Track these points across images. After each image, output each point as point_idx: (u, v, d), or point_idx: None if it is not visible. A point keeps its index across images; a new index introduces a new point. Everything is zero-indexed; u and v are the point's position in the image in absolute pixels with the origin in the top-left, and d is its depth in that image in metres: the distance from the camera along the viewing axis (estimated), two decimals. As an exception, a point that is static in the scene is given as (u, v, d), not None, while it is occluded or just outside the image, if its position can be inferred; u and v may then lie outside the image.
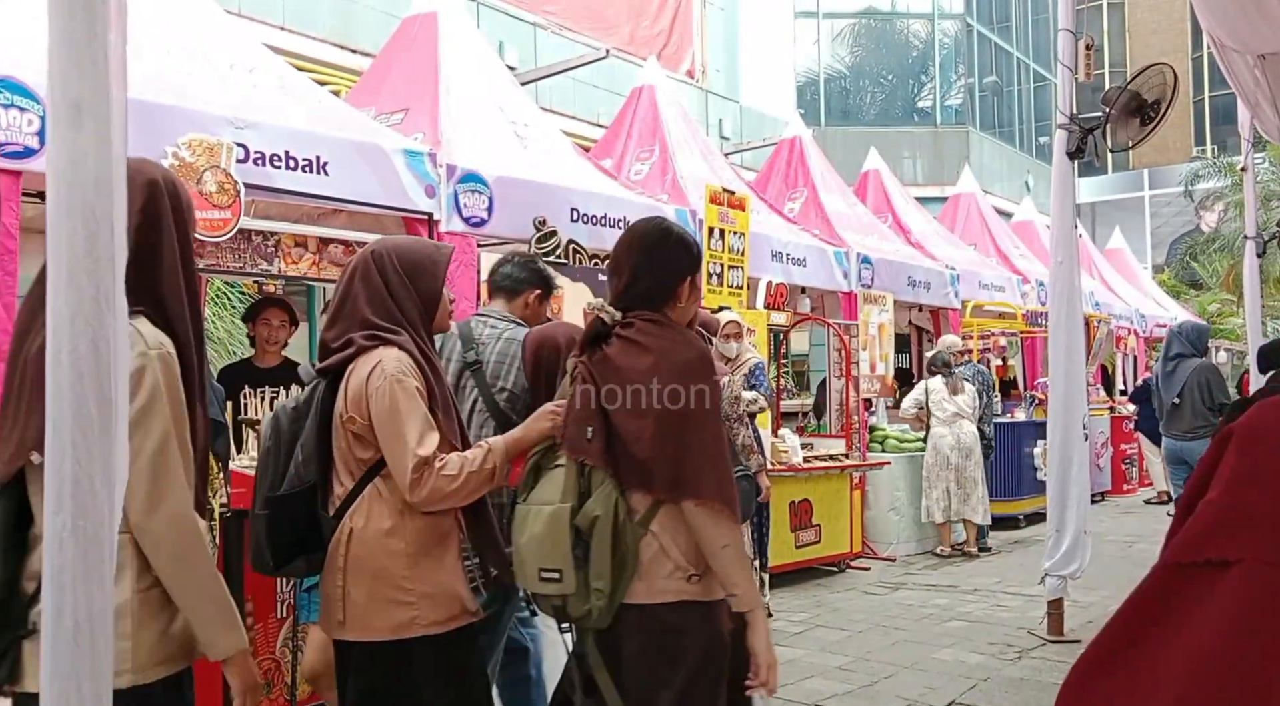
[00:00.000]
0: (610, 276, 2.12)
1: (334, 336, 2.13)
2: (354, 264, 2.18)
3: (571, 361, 2.07)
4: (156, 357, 1.64)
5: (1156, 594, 0.88)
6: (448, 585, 2.08)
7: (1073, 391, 5.06)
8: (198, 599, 1.66)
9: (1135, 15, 35.66)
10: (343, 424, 2.07)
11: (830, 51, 25.04)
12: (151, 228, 1.70)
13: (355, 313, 2.12)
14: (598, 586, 1.88)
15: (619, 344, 1.99)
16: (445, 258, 2.23)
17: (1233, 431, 0.94)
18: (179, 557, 1.63)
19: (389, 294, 2.12)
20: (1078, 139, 4.77)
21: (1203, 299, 19.74)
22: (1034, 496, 8.24)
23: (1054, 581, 4.98)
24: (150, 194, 1.71)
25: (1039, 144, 26.56)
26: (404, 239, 2.27)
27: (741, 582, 1.92)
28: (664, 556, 1.90)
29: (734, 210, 6.47)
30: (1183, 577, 0.86)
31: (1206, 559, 0.85)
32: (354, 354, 2.07)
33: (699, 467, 1.90)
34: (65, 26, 1.91)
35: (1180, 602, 0.85)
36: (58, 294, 1.94)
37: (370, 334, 2.07)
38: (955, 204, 12.12)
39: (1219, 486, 0.90)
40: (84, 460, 1.93)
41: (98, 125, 1.94)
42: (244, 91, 4.32)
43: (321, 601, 2.12)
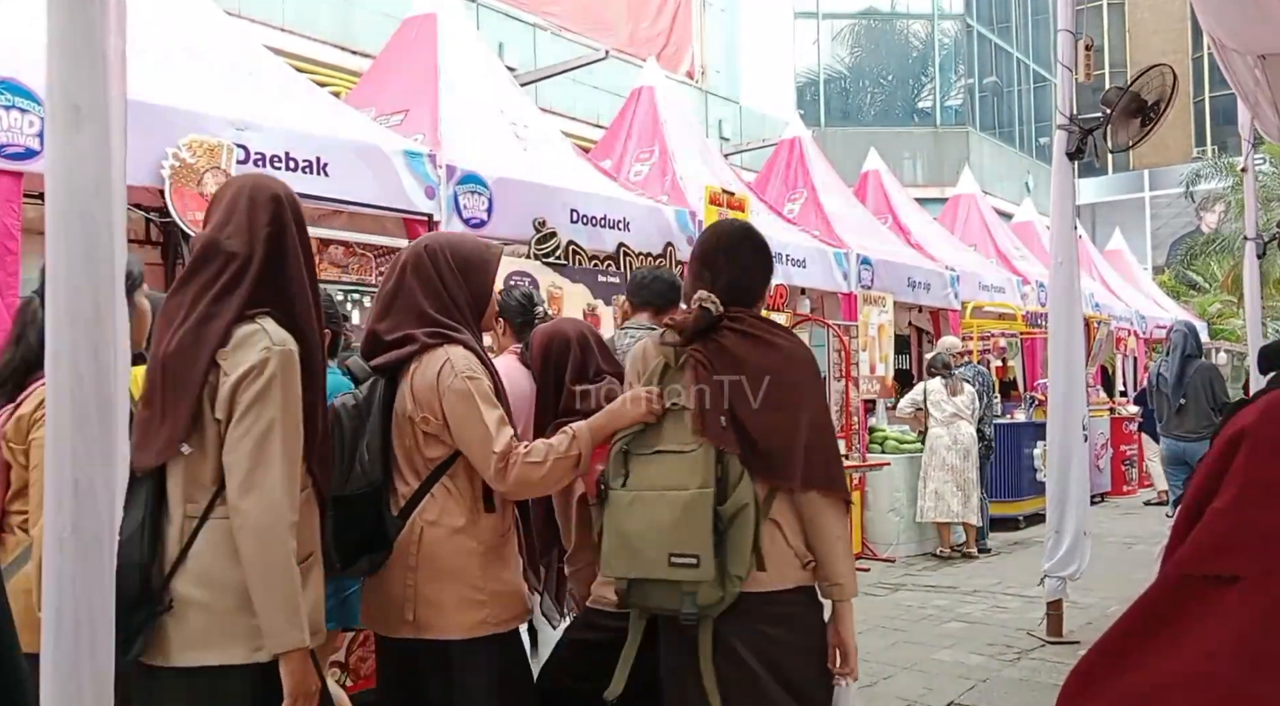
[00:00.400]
0: (697, 274, 2.11)
1: (387, 328, 2.11)
2: (405, 257, 2.16)
3: (671, 350, 2.06)
4: (278, 353, 1.75)
5: (1161, 604, 0.86)
6: (513, 583, 2.12)
7: (1072, 393, 5.06)
8: (268, 586, 1.70)
9: (1135, 16, 35.65)
10: (411, 422, 2.05)
11: (830, 52, 25.06)
12: (278, 238, 1.83)
13: (411, 306, 2.10)
14: (738, 573, 1.88)
15: (734, 337, 2.02)
16: (496, 257, 2.25)
17: (1245, 434, 0.90)
18: (261, 542, 1.69)
19: (444, 289, 2.11)
20: (1077, 140, 4.77)
21: (1203, 300, 19.72)
22: (1034, 497, 8.24)
23: (1053, 583, 4.98)
24: (275, 207, 1.84)
25: (1039, 145, 26.57)
26: (456, 234, 2.29)
27: (848, 573, 1.99)
28: (785, 544, 1.96)
29: (733, 211, 6.47)
30: (1188, 589, 0.85)
31: (1214, 573, 0.83)
32: (417, 351, 2.06)
33: (828, 460, 1.99)
34: (64, 30, 1.91)
35: (1184, 615, 0.84)
36: (57, 297, 1.94)
37: (434, 332, 2.06)
38: (955, 205, 12.12)
39: (1229, 493, 0.87)
40: (84, 463, 1.92)
41: (97, 129, 1.94)
42: (244, 93, 4.32)
43: (379, 600, 2.10)
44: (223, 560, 1.71)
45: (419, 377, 2.05)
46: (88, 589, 1.89)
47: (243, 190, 1.86)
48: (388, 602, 2.07)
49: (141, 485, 1.72)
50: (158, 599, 1.70)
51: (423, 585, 2.02)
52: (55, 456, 1.92)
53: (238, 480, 1.70)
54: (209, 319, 1.74)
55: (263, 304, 1.78)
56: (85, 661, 1.89)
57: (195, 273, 1.79)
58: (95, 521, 1.94)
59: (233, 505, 1.70)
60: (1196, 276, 22.06)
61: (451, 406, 2.01)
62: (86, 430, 1.94)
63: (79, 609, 1.89)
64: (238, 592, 1.70)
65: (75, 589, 1.88)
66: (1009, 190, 23.09)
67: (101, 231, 1.96)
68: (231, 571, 1.70)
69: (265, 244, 1.79)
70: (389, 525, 2.07)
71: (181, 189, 3.80)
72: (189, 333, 1.73)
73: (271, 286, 1.80)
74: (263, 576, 1.70)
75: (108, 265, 2.01)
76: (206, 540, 1.73)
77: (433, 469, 2.06)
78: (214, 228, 1.82)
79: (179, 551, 1.71)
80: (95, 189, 1.96)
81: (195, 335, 1.73)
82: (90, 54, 1.90)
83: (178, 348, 1.72)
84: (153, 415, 1.74)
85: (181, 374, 1.71)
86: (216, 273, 1.77)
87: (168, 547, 1.72)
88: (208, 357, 1.72)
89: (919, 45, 25.56)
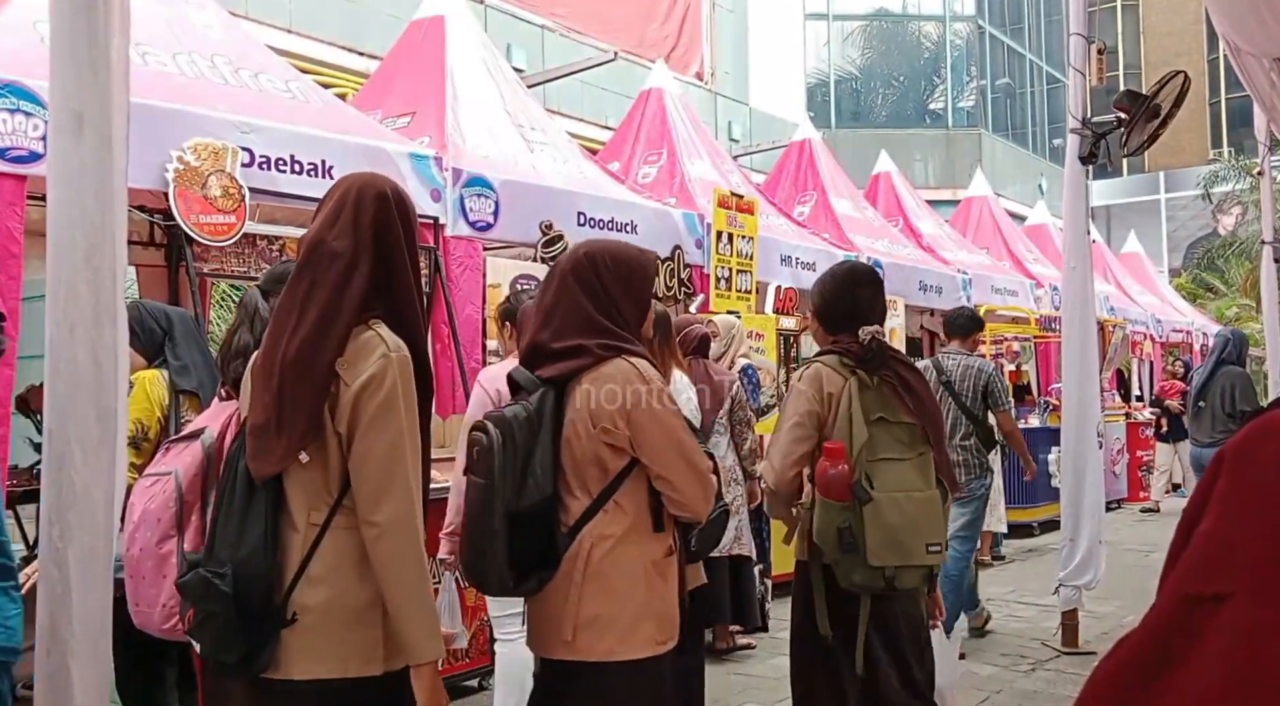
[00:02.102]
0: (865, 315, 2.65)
1: (552, 338, 2.04)
2: (563, 266, 2.10)
3: (866, 374, 2.58)
4: (396, 360, 1.69)
5: (1161, 626, 0.86)
6: (672, 603, 2.07)
7: (1086, 398, 5.00)
8: (407, 598, 1.68)
9: (1150, 17, 35.41)
10: (588, 435, 1.98)
11: (841, 53, 24.97)
12: (383, 239, 1.76)
13: (577, 315, 2.04)
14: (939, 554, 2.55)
15: (895, 362, 2.63)
16: (654, 264, 2.22)
17: (1223, 455, 0.90)
18: (397, 555, 1.66)
19: (608, 297, 2.05)
20: (1090, 143, 4.70)
21: (1220, 304, 19.53)
22: (1048, 504, 8.14)
23: (1068, 592, 4.90)
24: (379, 206, 1.76)
25: (1052, 146, 26.41)
26: (613, 242, 2.21)
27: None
28: None
29: (742, 214, 6.43)
30: (1185, 610, 0.84)
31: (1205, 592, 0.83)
32: (591, 363, 2.00)
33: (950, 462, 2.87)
34: (67, 37, 1.88)
35: (1180, 637, 0.84)
36: (57, 304, 1.91)
37: (607, 343, 2.01)
38: (967, 207, 12.03)
39: (1212, 514, 0.87)
40: (81, 472, 1.90)
41: (99, 136, 1.91)
42: (249, 95, 4.30)
43: (539, 618, 2.03)
44: (343, 572, 1.68)
45: (600, 389, 1.98)
46: (83, 598, 1.86)
47: (350, 188, 1.78)
48: (546, 621, 1.99)
49: (259, 495, 1.69)
50: (282, 612, 1.67)
51: (586, 603, 1.95)
52: (52, 466, 1.89)
53: (368, 493, 1.67)
54: (324, 326, 1.69)
55: (373, 307, 1.73)
56: (79, 676, 1.86)
57: (302, 274, 1.73)
58: (92, 531, 1.90)
59: (365, 518, 1.67)
60: (1214, 279, 21.87)
61: (646, 422, 1.97)
62: (84, 438, 1.90)
63: (75, 620, 1.86)
64: (356, 606, 1.68)
65: (71, 598, 1.85)
66: (1022, 192, 22.95)
67: (103, 239, 1.94)
68: (351, 583, 1.68)
69: (372, 244, 1.73)
70: (559, 542, 1.99)
71: (185, 192, 3.78)
72: (306, 341, 1.68)
73: (381, 288, 1.74)
74: (400, 588, 1.67)
75: (109, 272, 1.98)
76: (328, 551, 1.69)
77: (607, 483, 1.99)
78: (320, 227, 1.75)
79: (300, 561, 1.68)
80: (96, 196, 1.93)
81: (313, 343, 1.68)
82: (93, 61, 1.88)
83: (296, 356, 1.67)
84: (269, 424, 1.69)
85: (301, 384, 1.66)
86: (324, 274, 1.71)
87: (289, 558, 1.69)
88: (327, 367, 1.68)
89: (931, 47, 25.45)
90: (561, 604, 1.96)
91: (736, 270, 6.34)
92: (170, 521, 2.04)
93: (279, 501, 1.70)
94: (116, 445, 1.99)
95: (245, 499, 1.69)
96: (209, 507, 1.99)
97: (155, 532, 2.05)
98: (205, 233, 3.84)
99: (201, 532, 2.00)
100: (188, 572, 1.72)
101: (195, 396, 2.95)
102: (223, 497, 1.74)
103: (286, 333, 1.69)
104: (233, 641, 1.65)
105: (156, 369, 2.92)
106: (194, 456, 2.09)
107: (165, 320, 3.00)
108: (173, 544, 2.03)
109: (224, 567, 1.66)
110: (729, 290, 6.28)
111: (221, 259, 4.02)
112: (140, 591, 2.06)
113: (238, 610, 1.64)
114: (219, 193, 3.87)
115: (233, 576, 1.65)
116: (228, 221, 3.91)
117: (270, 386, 1.69)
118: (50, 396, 1.89)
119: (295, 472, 1.69)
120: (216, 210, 3.87)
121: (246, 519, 1.68)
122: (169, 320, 3.01)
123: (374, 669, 1.68)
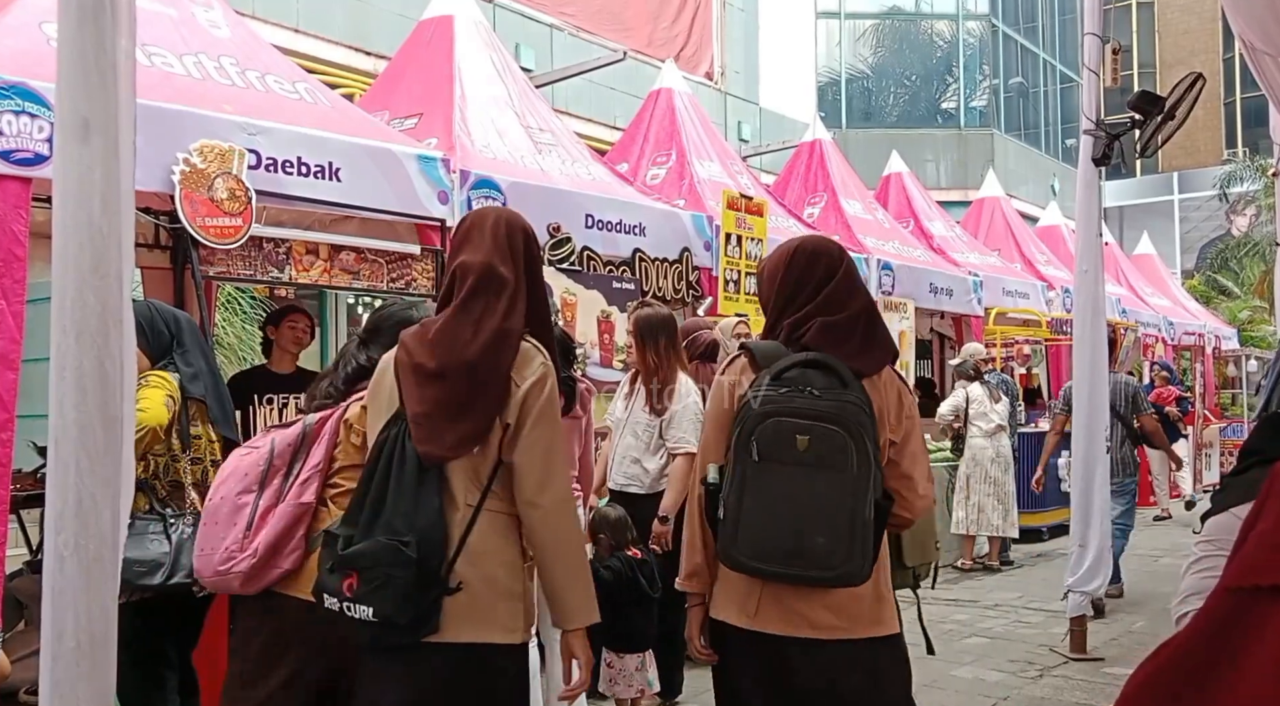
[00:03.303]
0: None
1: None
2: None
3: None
4: (550, 368, 2.01)
5: (1210, 626, 0.84)
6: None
7: (1097, 402, 4.96)
8: (569, 569, 1.97)
9: (1165, 16, 35.14)
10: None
11: (852, 52, 24.86)
12: (533, 269, 2.08)
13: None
14: None
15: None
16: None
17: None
18: (562, 532, 1.96)
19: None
20: (1103, 145, 4.66)
21: (1233, 306, 19.38)
22: (1058, 508, 8.09)
23: (1076, 598, 4.87)
24: (529, 240, 2.09)
25: (1065, 147, 26.23)
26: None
27: None
28: None
29: (751, 216, 6.39)
30: (1239, 607, 0.82)
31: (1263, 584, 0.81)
32: (886, 361, 2.21)
33: None
34: (74, 42, 1.87)
35: (1232, 637, 0.81)
36: (63, 311, 1.90)
37: (895, 353, 2.27)
38: (979, 208, 11.95)
39: (1270, 515, 0.85)
40: (87, 479, 1.88)
41: (105, 142, 1.90)
42: (256, 97, 4.29)
43: (841, 602, 2.11)
44: (494, 549, 1.92)
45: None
46: (88, 608, 1.85)
47: (500, 222, 2.07)
48: (858, 603, 2.05)
49: (429, 476, 1.90)
50: (446, 581, 1.87)
51: (883, 583, 2.11)
52: (58, 473, 1.88)
53: (535, 479, 1.93)
54: (505, 335, 1.96)
55: (528, 326, 2.02)
56: (85, 682, 1.85)
57: (477, 294, 1.99)
58: (98, 540, 1.89)
59: (531, 501, 1.92)
60: (1227, 281, 21.69)
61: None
62: (90, 446, 1.89)
63: (79, 629, 1.85)
64: (506, 580, 1.93)
65: (76, 608, 1.84)
66: (1034, 193, 22.81)
67: (109, 246, 1.93)
68: (497, 560, 1.93)
69: (526, 274, 2.04)
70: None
71: (191, 194, 3.77)
72: (491, 346, 1.94)
73: (532, 312, 2.04)
74: (564, 562, 1.96)
75: (115, 280, 1.97)
76: (481, 530, 1.91)
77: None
78: (487, 255, 2.01)
79: (460, 537, 1.90)
80: (103, 202, 1.92)
81: (497, 348, 1.94)
82: (100, 67, 1.86)
83: (483, 356, 1.93)
84: (435, 413, 1.92)
85: (488, 379, 1.92)
86: (497, 296, 1.98)
87: (451, 533, 1.90)
88: (506, 372, 1.95)
89: (943, 45, 25.31)
90: (873, 586, 2.11)
91: (745, 273, 6.31)
92: (256, 478, 2.24)
93: (443, 482, 1.91)
94: (123, 452, 1.98)
95: (415, 478, 1.89)
96: (293, 476, 2.23)
97: (240, 485, 2.25)
98: (211, 235, 3.84)
99: (279, 495, 2.22)
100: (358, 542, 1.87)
101: (204, 404, 2.92)
102: (384, 478, 1.91)
103: (465, 339, 1.94)
104: (408, 605, 1.82)
105: (163, 371, 2.89)
106: (293, 432, 2.30)
107: (175, 324, 2.99)
108: (251, 497, 2.23)
109: (406, 536, 1.83)
110: (737, 293, 6.25)
111: (228, 262, 4.01)
112: (209, 534, 2.24)
113: (416, 576, 1.82)
114: (225, 195, 3.86)
115: (415, 544, 1.83)
116: (234, 224, 3.90)
117: (437, 383, 1.93)
118: (56, 403, 1.89)
119: (464, 463, 1.92)
120: (223, 212, 3.86)
121: (419, 495, 1.88)
122: (178, 324, 3.00)
123: (515, 637, 1.94)
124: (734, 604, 2.07)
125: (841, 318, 2.08)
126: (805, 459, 1.94)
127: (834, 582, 1.98)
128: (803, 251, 2.17)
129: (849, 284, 2.13)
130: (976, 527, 7.14)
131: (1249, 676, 0.78)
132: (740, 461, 1.98)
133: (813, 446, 1.93)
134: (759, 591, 2.03)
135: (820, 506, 1.94)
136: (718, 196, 6.39)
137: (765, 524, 1.96)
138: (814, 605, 2.01)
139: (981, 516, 7.11)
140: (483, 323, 1.95)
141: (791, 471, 1.95)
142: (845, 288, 2.12)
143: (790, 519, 1.95)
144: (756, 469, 1.97)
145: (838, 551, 1.93)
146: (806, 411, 1.95)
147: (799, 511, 1.95)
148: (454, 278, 2.02)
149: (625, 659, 3.76)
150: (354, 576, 1.86)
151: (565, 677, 2.03)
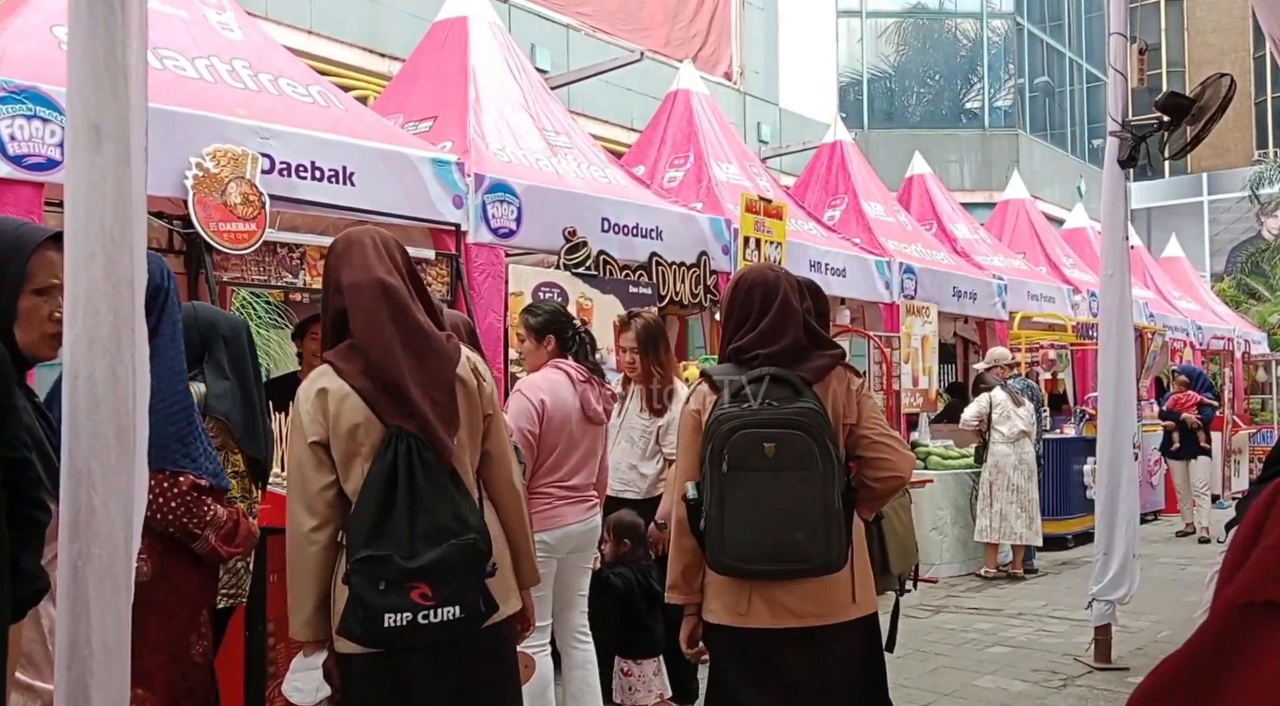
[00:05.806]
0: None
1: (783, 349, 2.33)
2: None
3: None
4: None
5: (1211, 640, 0.83)
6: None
7: (1123, 408, 4.87)
8: (530, 540, 2.27)
9: (1194, 14, 34.62)
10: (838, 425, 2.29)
11: (874, 51, 24.64)
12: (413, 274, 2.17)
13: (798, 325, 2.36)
14: None
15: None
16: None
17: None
18: (525, 509, 2.27)
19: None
20: (1130, 147, 4.55)
21: (1263, 309, 19.04)
22: (1083, 516, 7.95)
23: (1101, 606, 4.77)
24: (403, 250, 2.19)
25: (1092, 147, 25.88)
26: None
27: None
28: None
29: (770, 219, 6.33)
30: (1241, 621, 0.81)
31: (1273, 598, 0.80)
32: (833, 364, 2.33)
33: None
34: (85, 48, 1.85)
35: (1233, 651, 0.81)
36: (75, 320, 1.88)
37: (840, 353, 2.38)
38: (1004, 210, 11.81)
39: (1274, 533, 0.84)
40: (100, 489, 1.87)
41: (117, 149, 1.87)
42: (269, 100, 4.29)
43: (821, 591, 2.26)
44: (496, 531, 2.13)
45: (840, 385, 2.30)
46: (101, 617, 1.84)
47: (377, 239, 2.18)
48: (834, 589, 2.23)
49: (455, 476, 2.05)
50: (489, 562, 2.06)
51: (859, 569, 2.27)
52: (70, 482, 1.87)
53: (510, 463, 2.21)
54: (450, 338, 2.17)
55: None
56: (98, 691, 1.84)
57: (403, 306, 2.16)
58: (110, 548, 1.88)
59: (509, 481, 2.19)
60: (1257, 284, 21.33)
61: (870, 409, 2.34)
62: (102, 455, 1.88)
63: (93, 638, 1.83)
64: (504, 556, 2.15)
65: (89, 617, 1.83)
66: (1060, 194, 22.53)
67: (121, 253, 1.91)
68: (500, 540, 2.14)
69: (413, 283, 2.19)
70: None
71: (204, 199, 3.77)
72: (456, 349, 2.16)
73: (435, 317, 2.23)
74: (529, 535, 2.27)
75: (127, 287, 1.95)
76: (487, 514, 2.12)
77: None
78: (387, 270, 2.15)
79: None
80: (115, 210, 1.90)
81: (456, 351, 2.16)
82: (112, 73, 1.84)
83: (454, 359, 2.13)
84: (443, 415, 2.06)
85: (454, 379, 2.12)
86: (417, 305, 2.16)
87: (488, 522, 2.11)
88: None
89: (967, 44, 25.05)
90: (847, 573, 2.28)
91: (763, 275, 6.25)
92: None
93: (462, 479, 2.07)
94: (135, 462, 1.97)
95: (447, 481, 2.01)
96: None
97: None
98: (225, 240, 3.83)
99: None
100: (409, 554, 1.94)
101: (223, 423, 2.76)
102: (408, 490, 1.97)
103: (436, 349, 2.11)
104: (487, 594, 2.02)
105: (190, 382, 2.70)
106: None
107: (209, 331, 2.70)
108: None
109: (470, 535, 1.97)
110: (755, 296, 6.18)
111: (241, 266, 4.01)
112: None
113: (487, 568, 2.03)
114: (239, 200, 3.86)
115: (480, 539, 2.00)
116: (247, 229, 3.89)
117: (434, 392, 2.07)
118: (68, 413, 1.87)
119: (460, 453, 2.08)
120: (236, 217, 3.85)
121: (457, 495, 2.01)
122: (213, 331, 2.70)
123: (515, 605, 2.19)
124: (727, 607, 2.23)
125: (778, 348, 2.27)
126: (774, 463, 2.13)
127: (816, 572, 2.17)
128: (742, 285, 2.35)
129: (780, 319, 2.29)
130: (1000, 535, 7.03)
131: (1251, 691, 0.77)
132: (715, 474, 2.16)
133: (780, 451, 2.13)
134: (748, 591, 2.20)
135: (795, 504, 2.13)
136: (736, 199, 6.33)
137: (747, 527, 2.15)
138: (798, 596, 2.20)
139: (1005, 524, 7.00)
140: (430, 330, 2.09)
141: (764, 476, 2.14)
142: (777, 323, 2.28)
143: (769, 519, 2.14)
144: (730, 479, 2.15)
145: (816, 543, 2.14)
146: (770, 420, 2.15)
147: (776, 512, 2.13)
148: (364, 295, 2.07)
149: (643, 664, 3.73)
150: (423, 584, 1.93)
151: (531, 624, 2.32)
